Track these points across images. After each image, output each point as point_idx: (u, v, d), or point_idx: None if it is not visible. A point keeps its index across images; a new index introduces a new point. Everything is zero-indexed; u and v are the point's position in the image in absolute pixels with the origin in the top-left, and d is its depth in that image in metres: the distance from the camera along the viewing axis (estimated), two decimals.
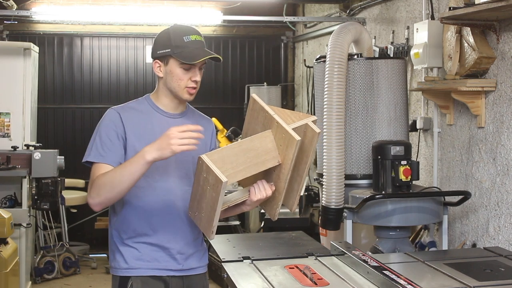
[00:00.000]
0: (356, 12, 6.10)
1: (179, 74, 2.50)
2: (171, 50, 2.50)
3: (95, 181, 2.41)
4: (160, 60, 2.54)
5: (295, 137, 2.31)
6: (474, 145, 4.05)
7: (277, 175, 2.42)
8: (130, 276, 2.53)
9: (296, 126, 2.37)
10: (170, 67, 2.52)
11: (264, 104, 2.48)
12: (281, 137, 2.38)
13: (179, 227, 2.56)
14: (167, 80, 2.54)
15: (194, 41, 2.49)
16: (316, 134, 2.37)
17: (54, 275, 6.42)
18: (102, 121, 2.54)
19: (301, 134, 2.37)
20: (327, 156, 3.95)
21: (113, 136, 2.48)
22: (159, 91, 2.60)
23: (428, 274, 2.76)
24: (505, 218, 3.75)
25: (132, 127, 2.51)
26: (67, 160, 6.20)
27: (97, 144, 2.48)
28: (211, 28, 7.92)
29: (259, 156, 2.38)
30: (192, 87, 2.52)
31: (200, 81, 2.55)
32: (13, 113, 6.28)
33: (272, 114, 2.41)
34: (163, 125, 2.54)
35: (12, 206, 5.83)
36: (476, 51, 3.81)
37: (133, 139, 2.50)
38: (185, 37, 2.49)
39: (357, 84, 4.12)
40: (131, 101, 2.65)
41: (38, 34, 7.70)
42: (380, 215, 3.72)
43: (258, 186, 2.43)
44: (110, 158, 2.46)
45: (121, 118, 2.51)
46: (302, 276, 2.64)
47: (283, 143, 2.37)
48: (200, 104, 5.19)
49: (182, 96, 2.53)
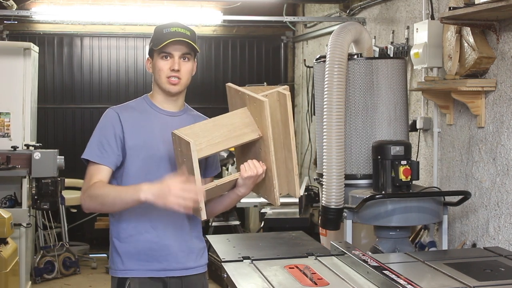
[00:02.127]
0: (356, 12, 6.10)
1: (159, 64, 2.53)
2: (152, 43, 2.54)
3: (91, 188, 2.44)
4: (149, 56, 2.60)
5: (262, 99, 2.36)
6: (474, 145, 4.05)
7: (264, 151, 2.43)
8: (128, 277, 2.53)
9: (265, 93, 2.42)
10: (154, 60, 2.56)
11: (236, 87, 2.54)
12: (254, 108, 2.42)
13: (179, 224, 2.56)
14: (154, 74, 2.58)
15: (174, 32, 2.51)
16: (286, 96, 2.40)
17: (54, 275, 6.41)
18: (101, 120, 2.56)
19: (275, 104, 2.41)
20: (327, 156, 3.95)
21: (111, 137, 2.49)
22: (153, 89, 2.63)
23: (428, 274, 2.76)
24: (505, 218, 3.75)
25: (131, 126, 2.52)
26: (67, 160, 6.20)
27: (96, 143, 2.50)
28: (211, 28, 7.92)
29: (236, 130, 2.41)
30: (172, 76, 2.51)
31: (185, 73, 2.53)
32: (13, 113, 6.28)
33: (243, 90, 2.47)
34: (161, 123, 2.55)
35: (12, 206, 5.83)
36: (476, 51, 3.81)
37: (131, 138, 2.51)
38: (164, 29, 2.52)
39: (357, 84, 4.12)
40: (130, 101, 2.66)
41: (38, 34, 7.70)
42: (380, 215, 3.72)
43: (248, 163, 2.43)
44: (107, 159, 2.48)
45: (120, 118, 2.52)
46: (302, 276, 2.64)
47: (257, 113, 2.41)
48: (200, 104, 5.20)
49: (166, 88, 2.54)
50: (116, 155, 2.49)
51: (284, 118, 2.44)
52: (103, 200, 2.41)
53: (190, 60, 2.56)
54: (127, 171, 2.52)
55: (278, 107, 2.44)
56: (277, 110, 2.45)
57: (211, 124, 2.42)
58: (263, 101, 2.36)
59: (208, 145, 2.35)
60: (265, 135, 2.41)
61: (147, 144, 2.51)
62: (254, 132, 2.43)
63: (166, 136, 2.48)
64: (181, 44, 2.50)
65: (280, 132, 2.46)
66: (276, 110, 2.45)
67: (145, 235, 2.53)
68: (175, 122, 2.56)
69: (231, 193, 2.54)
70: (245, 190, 2.49)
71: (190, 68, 2.57)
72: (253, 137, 2.43)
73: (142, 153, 2.51)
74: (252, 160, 2.44)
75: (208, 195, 2.37)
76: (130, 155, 2.50)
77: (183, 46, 2.51)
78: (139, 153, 2.51)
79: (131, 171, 2.51)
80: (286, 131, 2.45)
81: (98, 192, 2.41)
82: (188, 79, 2.57)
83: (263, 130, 2.40)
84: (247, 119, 2.44)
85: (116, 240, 2.56)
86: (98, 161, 2.48)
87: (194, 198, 2.25)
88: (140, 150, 2.51)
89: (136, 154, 2.50)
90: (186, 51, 2.53)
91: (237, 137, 2.42)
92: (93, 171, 2.48)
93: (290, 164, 2.47)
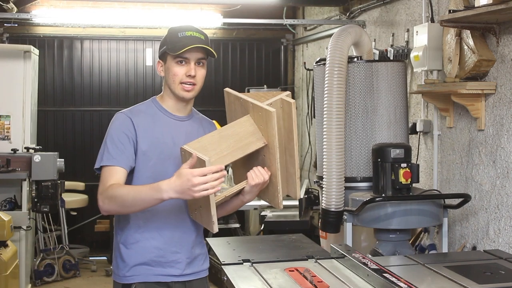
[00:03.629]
0: (356, 15, 6.10)
1: (174, 69, 2.49)
2: (166, 46, 2.50)
3: (108, 190, 2.38)
4: (161, 59, 2.56)
5: (270, 110, 2.34)
6: (474, 147, 4.05)
7: (268, 158, 2.43)
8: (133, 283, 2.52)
9: (270, 102, 2.41)
10: (167, 64, 2.52)
11: (236, 93, 2.52)
12: (259, 116, 2.41)
13: (185, 230, 2.56)
14: (166, 78, 2.54)
15: (189, 36, 2.47)
16: (291, 105, 2.39)
17: (54, 278, 6.42)
18: (112, 124, 2.52)
19: (278, 111, 2.40)
20: (327, 159, 3.95)
21: (124, 140, 2.46)
22: (164, 92, 2.59)
23: (428, 277, 2.76)
24: (505, 221, 3.75)
25: (143, 131, 2.49)
26: (67, 163, 6.20)
27: (108, 148, 2.45)
28: (211, 31, 7.93)
29: (242, 139, 2.40)
30: (187, 82, 2.48)
31: (200, 79, 2.51)
32: (13, 115, 6.29)
33: (245, 98, 2.45)
34: (171, 128, 2.54)
35: (12, 208, 5.84)
36: (476, 54, 3.82)
37: (143, 143, 2.48)
38: (180, 33, 2.48)
39: (357, 86, 4.12)
40: (138, 104, 2.63)
41: (38, 37, 7.71)
42: (380, 218, 3.72)
43: (254, 171, 2.43)
44: (122, 161, 2.44)
45: (133, 123, 2.49)
46: (302, 279, 2.64)
47: (262, 122, 2.40)
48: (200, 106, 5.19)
49: (178, 94, 2.51)
50: (131, 158, 2.46)
51: (288, 124, 2.43)
52: (123, 201, 2.35)
53: (204, 65, 2.53)
54: (138, 175, 2.49)
55: (282, 114, 2.43)
56: (280, 117, 2.44)
57: (217, 136, 2.40)
58: (271, 112, 2.34)
59: (217, 158, 2.33)
60: (270, 143, 2.40)
61: (158, 149, 2.49)
62: (259, 141, 2.42)
63: (176, 141, 2.48)
64: (198, 49, 2.47)
65: (283, 138, 2.45)
66: (279, 117, 2.44)
67: (151, 241, 2.52)
68: (184, 127, 2.55)
69: (236, 199, 2.54)
70: (250, 196, 2.51)
71: (204, 73, 2.54)
72: (258, 145, 2.43)
73: (153, 157, 2.49)
74: (257, 168, 2.43)
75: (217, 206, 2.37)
76: (141, 160, 2.48)
77: (199, 51, 2.48)
78: (150, 158, 2.48)
79: (142, 176, 2.48)
80: (289, 137, 2.44)
81: (117, 193, 2.35)
82: (202, 84, 2.54)
83: (269, 138, 2.40)
84: (251, 128, 2.43)
85: (122, 246, 2.54)
86: (112, 164, 2.43)
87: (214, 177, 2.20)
88: (151, 154, 2.49)
89: (147, 159, 2.48)
90: (202, 56, 2.50)
91: (243, 147, 2.40)
92: (108, 173, 2.43)
93: (292, 169, 2.47)
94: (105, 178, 2.42)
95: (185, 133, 2.54)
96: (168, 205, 2.48)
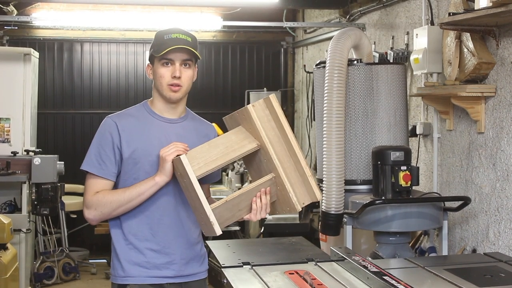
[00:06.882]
0: (355, 18, 6.11)
1: (159, 71, 2.52)
2: (153, 49, 2.53)
3: (94, 198, 2.47)
4: (150, 62, 2.59)
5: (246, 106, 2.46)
6: (474, 150, 4.05)
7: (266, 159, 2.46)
8: (128, 284, 2.53)
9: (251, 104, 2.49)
10: (154, 66, 2.55)
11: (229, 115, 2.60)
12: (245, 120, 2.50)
13: (179, 231, 2.56)
14: (154, 81, 2.58)
15: (175, 38, 2.50)
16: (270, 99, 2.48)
17: (53, 281, 6.41)
18: (99, 130, 2.56)
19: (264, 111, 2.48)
20: (327, 162, 3.95)
21: (108, 147, 2.50)
22: (153, 95, 2.62)
23: (428, 280, 2.76)
24: (505, 224, 3.74)
25: (129, 134, 2.51)
26: (67, 166, 6.20)
27: (94, 153, 2.51)
28: (211, 33, 7.93)
29: (233, 145, 2.45)
30: (173, 83, 2.51)
31: (185, 80, 2.52)
32: (13, 118, 6.28)
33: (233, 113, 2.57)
34: (160, 131, 2.55)
35: (12, 211, 5.83)
36: (475, 57, 3.82)
37: (128, 147, 2.50)
38: (166, 35, 2.51)
39: (357, 89, 4.12)
40: (129, 108, 2.66)
41: (38, 40, 7.72)
42: (380, 221, 3.72)
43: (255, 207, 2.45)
44: (106, 171, 2.49)
45: (117, 127, 2.51)
46: (302, 281, 2.64)
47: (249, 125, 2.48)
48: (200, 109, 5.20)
49: (166, 95, 2.53)
50: (115, 166, 2.50)
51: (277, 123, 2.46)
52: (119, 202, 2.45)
53: (190, 67, 2.55)
54: (125, 177, 2.51)
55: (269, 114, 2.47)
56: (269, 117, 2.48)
57: (207, 146, 2.45)
58: (247, 107, 2.43)
59: (205, 163, 2.38)
60: (262, 142, 2.41)
61: (145, 151, 2.51)
62: (252, 143, 2.44)
63: (164, 143, 2.48)
64: (182, 51, 2.50)
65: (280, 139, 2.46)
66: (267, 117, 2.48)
67: (145, 243, 2.53)
68: (175, 130, 2.56)
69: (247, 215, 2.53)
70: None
71: (191, 74, 2.56)
72: (251, 147, 2.44)
73: (141, 160, 2.50)
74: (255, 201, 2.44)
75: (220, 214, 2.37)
76: (128, 163, 2.50)
77: (184, 53, 2.50)
78: (137, 161, 2.50)
79: (130, 178, 2.51)
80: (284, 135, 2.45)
81: (108, 199, 2.46)
82: (189, 85, 2.56)
83: (259, 138, 2.42)
84: (242, 135, 2.48)
85: (117, 246, 2.56)
86: (97, 174, 2.49)
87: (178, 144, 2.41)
88: (138, 157, 2.50)
89: (134, 162, 2.50)
90: (187, 57, 2.52)
91: (235, 151, 2.44)
92: (93, 183, 2.50)
93: (301, 169, 2.47)
94: (90, 189, 2.50)
95: (176, 135, 2.54)
96: (161, 206, 2.51)
